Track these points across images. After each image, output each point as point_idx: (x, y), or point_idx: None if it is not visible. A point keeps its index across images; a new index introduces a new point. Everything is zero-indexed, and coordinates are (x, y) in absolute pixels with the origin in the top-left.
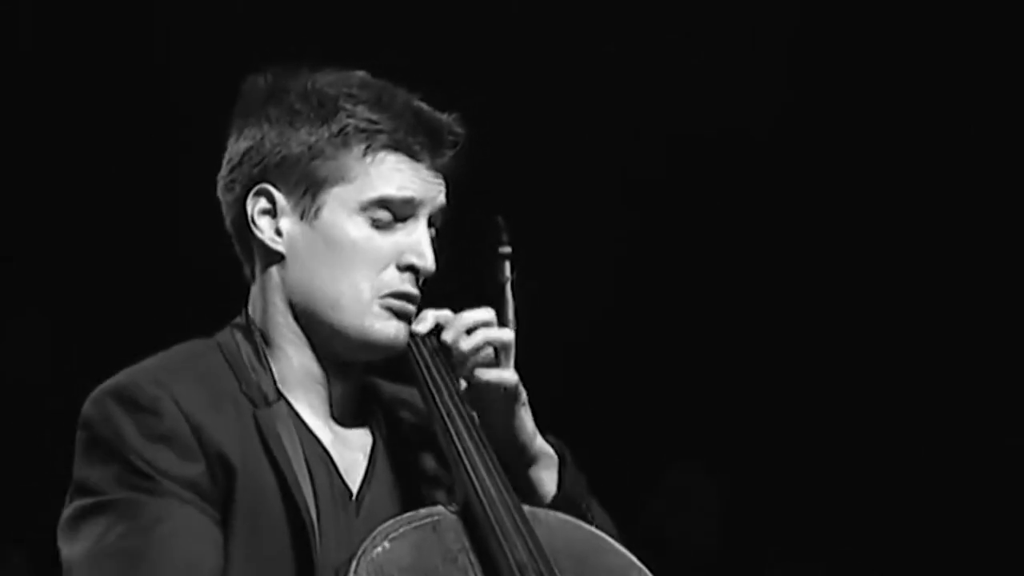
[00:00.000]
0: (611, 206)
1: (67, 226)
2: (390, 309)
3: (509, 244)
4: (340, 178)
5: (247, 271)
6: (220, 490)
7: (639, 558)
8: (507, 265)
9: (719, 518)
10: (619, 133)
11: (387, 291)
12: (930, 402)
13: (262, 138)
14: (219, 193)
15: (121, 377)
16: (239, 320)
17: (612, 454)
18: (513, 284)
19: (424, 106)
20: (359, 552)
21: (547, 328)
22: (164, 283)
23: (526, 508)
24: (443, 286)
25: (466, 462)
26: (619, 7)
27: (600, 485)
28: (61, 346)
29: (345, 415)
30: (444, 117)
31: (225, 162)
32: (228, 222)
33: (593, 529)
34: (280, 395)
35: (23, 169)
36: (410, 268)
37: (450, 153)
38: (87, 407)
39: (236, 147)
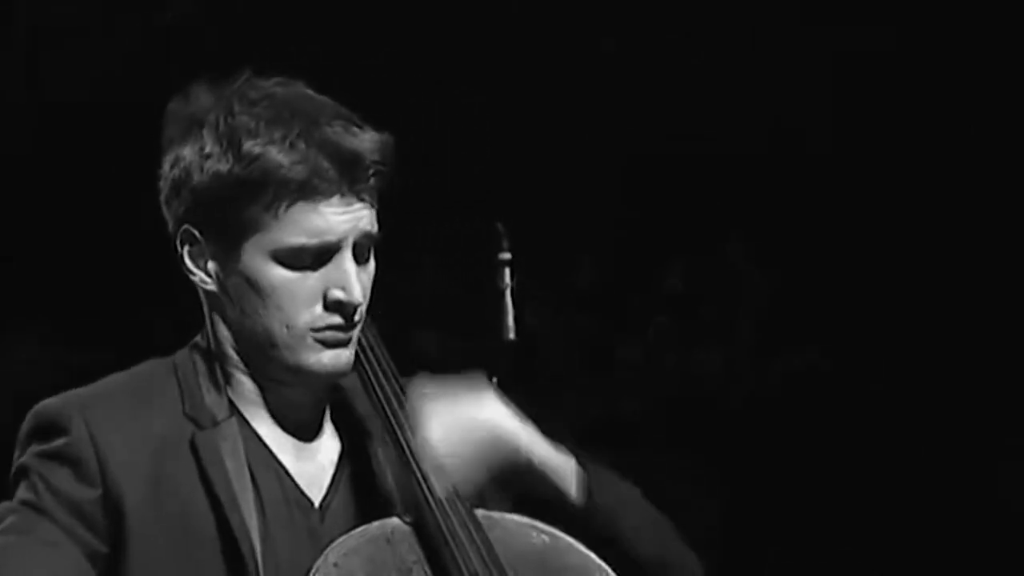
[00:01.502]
0: (611, 203)
1: (68, 229)
2: (323, 341)
3: (509, 251)
4: (252, 228)
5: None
6: (112, 522)
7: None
8: (507, 272)
9: (719, 519)
10: (619, 130)
11: (318, 325)
12: (929, 404)
13: (180, 178)
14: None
15: (50, 400)
16: (199, 340)
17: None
18: (513, 290)
19: (340, 136)
20: (312, 570)
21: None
22: (162, 287)
23: (481, 513)
24: (445, 292)
25: (416, 471)
26: (616, 4)
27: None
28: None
29: (308, 427)
30: (362, 145)
31: (159, 184)
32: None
33: (553, 529)
34: (234, 412)
35: (26, 172)
36: (337, 303)
37: (370, 180)
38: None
39: (164, 177)
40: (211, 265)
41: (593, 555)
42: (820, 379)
